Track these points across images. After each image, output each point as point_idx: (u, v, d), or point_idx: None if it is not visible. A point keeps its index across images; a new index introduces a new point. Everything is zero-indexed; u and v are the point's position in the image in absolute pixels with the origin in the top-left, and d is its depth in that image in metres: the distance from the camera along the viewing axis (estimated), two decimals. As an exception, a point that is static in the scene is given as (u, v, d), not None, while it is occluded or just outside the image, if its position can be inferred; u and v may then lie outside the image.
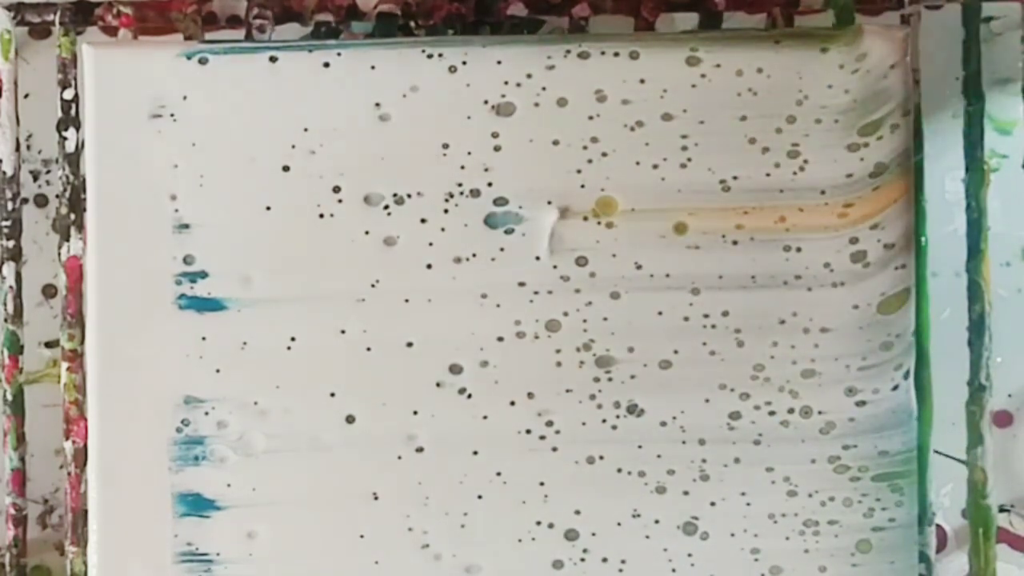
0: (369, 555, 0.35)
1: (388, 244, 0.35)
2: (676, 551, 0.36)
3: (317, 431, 0.35)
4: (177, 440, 0.35)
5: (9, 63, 0.37)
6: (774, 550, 0.36)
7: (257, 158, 0.35)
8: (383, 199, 0.35)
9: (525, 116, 0.35)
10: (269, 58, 0.35)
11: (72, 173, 0.37)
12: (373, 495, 0.35)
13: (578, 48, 0.35)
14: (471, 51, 0.35)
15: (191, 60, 0.35)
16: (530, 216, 0.35)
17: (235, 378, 0.35)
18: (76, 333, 0.37)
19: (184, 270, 0.35)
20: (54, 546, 0.44)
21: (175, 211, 0.35)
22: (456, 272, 0.35)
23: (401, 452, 0.35)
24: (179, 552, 0.35)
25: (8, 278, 0.37)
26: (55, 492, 0.44)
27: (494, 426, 0.35)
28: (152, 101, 0.35)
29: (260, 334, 0.35)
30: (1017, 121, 0.44)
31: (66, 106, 0.37)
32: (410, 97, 0.35)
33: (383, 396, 0.35)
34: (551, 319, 0.35)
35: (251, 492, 0.35)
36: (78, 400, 0.36)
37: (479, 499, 0.35)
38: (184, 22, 0.38)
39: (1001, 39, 0.43)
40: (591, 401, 0.35)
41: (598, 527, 0.35)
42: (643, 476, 0.35)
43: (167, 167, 0.35)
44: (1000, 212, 0.43)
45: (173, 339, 0.35)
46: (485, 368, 0.35)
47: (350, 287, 0.35)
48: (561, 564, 0.36)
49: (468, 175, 0.35)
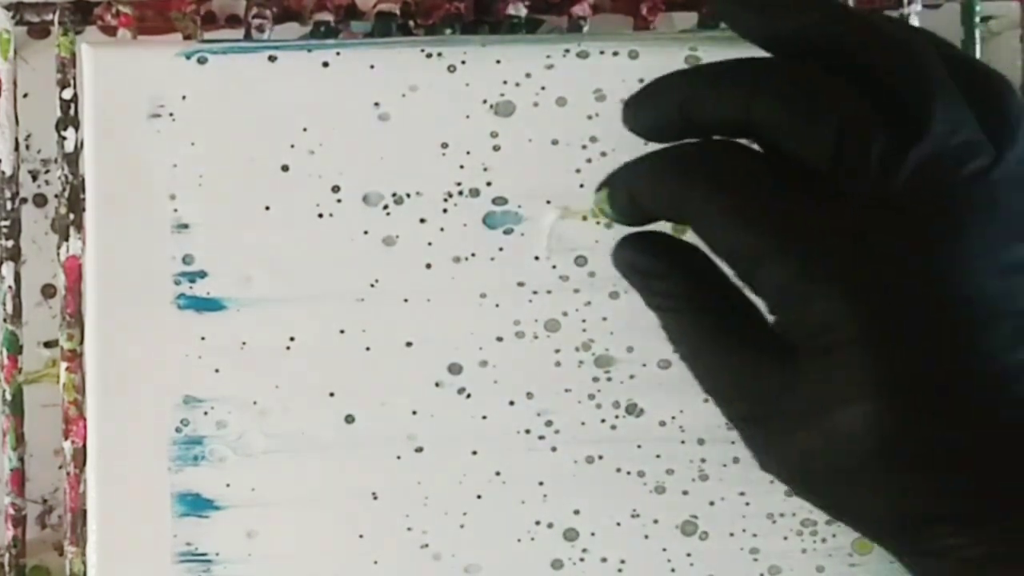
0: (369, 555, 0.35)
1: (387, 244, 0.35)
2: (675, 551, 0.36)
3: (317, 431, 0.35)
4: (176, 440, 0.35)
5: (8, 63, 0.37)
6: (773, 550, 0.36)
7: (256, 158, 0.35)
8: (382, 199, 0.35)
9: (524, 116, 0.35)
10: (268, 57, 0.35)
11: (71, 173, 0.37)
12: (373, 495, 0.35)
13: (577, 47, 0.35)
14: (470, 50, 0.35)
15: (190, 60, 0.35)
16: (530, 216, 0.35)
17: (234, 378, 0.35)
18: (75, 333, 0.37)
19: (183, 270, 0.35)
20: (53, 546, 0.44)
21: (174, 211, 0.35)
22: (455, 272, 0.35)
23: (400, 452, 0.35)
24: (178, 552, 0.35)
25: (7, 278, 0.37)
26: (54, 492, 0.44)
27: (493, 426, 0.35)
28: (151, 101, 0.35)
29: (259, 334, 0.35)
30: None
31: (65, 106, 0.37)
32: (409, 97, 0.35)
33: (382, 396, 0.35)
34: (550, 319, 0.35)
35: (250, 492, 0.35)
36: (77, 400, 0.36)
37: (479, 499, 0.35)
38: (183, 21, 0.38)
39: (999, 39, 0.43)
40: (590, 401, 0.35)
41: (597, 527, 0.35)
42: (642, 476, 0.35)
43: (166, 167, 0.35)
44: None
45: (172, 339, 0.35)
46: (484, 368, 0.35)
47: (349, 287, 0.35)
48: (561, 564, 0.36)
49: (467, 175, 0.35)
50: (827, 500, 0.29)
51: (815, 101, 0.28)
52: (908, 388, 0.27)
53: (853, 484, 0.28)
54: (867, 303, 0.27)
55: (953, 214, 0.28)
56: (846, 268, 0.28)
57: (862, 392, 0.27)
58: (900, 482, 0.27)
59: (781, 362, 0.29)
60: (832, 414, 0.28)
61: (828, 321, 0.28)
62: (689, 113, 0.30)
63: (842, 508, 0.29)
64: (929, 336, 0.27)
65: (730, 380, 0.30)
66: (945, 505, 0.27)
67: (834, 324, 0.27)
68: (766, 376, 0.29)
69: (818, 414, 0.28)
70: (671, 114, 0.30)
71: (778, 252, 0.28)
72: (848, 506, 0.29)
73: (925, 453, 0.27)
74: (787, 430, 0.29)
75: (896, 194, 0.28)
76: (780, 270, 0.28)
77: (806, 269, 0.28)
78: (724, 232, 0.29)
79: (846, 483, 0.28)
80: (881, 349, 0.27)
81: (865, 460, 0.27)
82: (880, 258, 0.28)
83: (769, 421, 0.29)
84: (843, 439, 0.27)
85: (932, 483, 0.27)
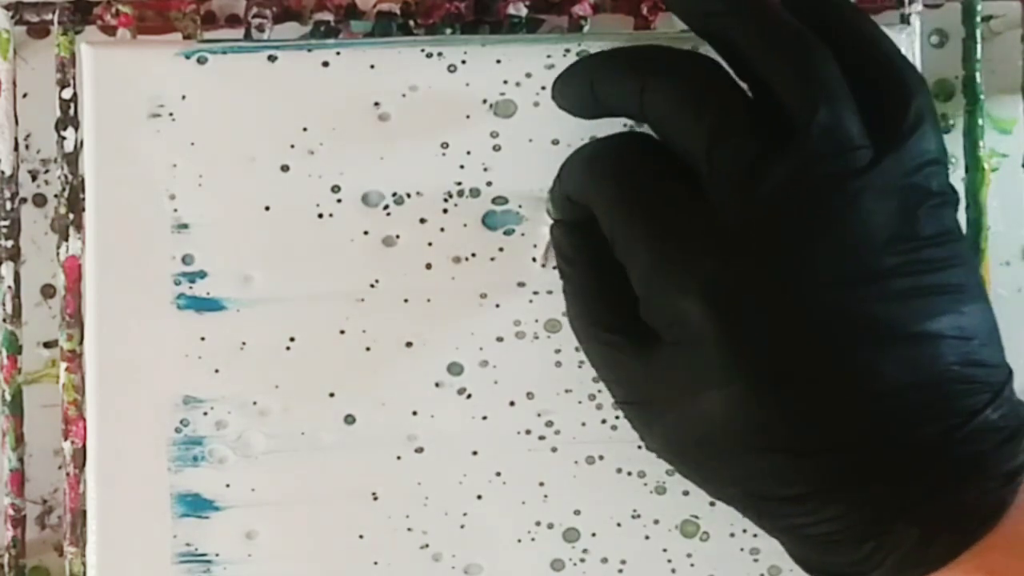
0: (369, 555, 0.35)
1: (387, 244, 0.35)
2: (676, 551, 0.36)
3: (316, 431, 0.35)
4: (176, 440, 0.35)
5: (7, 62, 0.37)
6: (773, 550, 0.35)
7: (256, 157, 0.35)
8: (382, 199, 0.35)
9: (525, 116, 0.35)
10: (268, 57, 0.35)
11: (71, 173, 0.37)
12: (373, 495, 0.35)
13: (577, 47, 0.35)
14: (470, 50, 0.35)
15: (190, 59, 0.35)
16: (530, 216, 0.35)
17: (234, 378, 0.35)
18: (75, 333, 0.36)
19: (183, 270, 0.35)
20: (53, 547, 0.44)
21: (174, 211, 0.35)
22: (455, 272, 0.35)
23: (401, 452, 0.35)
24: (178, 552, 0.35)
25: (7, 278, 0.37)
26: (54, 492, 0.44)
27: (494, 426, 0.35)
28: (151, 100, 0.35)
29: (259, 334, 0.35)
30: (1017, 120, 0.44)
31: (65, 105, 0.37)
32: (409, 96, 0.35)
33: (382, 396, 0.35)
34: (551, 319, 0.35)
35: (250, 492, 0.35)
36: (77, 400, 0.36)
37: (479, 499, 0.35)
38: (183, 21, 0.38)
39: (1000, 38, 0.43)
40: (591, 401, 0.35)
41: (598, 527, 0.35)
42: (643, 476, 0.35)
43: (166, 167, 0.35)
44: (1000, 212, 0.43)
45: (172, 339, 0.35)
46: (485, 368, 0.35)
47: (349, 287, 0.35)
48: (561, 564, 0.35)
49: (467, 175, 0.35)
50: (700, 478, 0.32)
51: (694, 102, 0.30)
52: (753, 382, 0.29)
53: (714, 465, 0.30)
54: (717, 304, 0.29)
55: (808, 221, 0.29)
56: (700, 265, 0.29)
57: (712, 383, 0.29)
58: (749, 465, 0.29)
59: (648, 350, 0.30)
60: (689, 401, 0.30)
61: (682, 317, 0.29)
62: (597, 94, 0.32)
63: (712, 486, 0.32)
64: (773, 338, 0.29)
65: (605, 366, 0.32)
66: (787, 487, 0.29)
67: (687, 321, 0.29)
68: (632, 363, 0.31)
69: (678, 400, 0.30)
70: (585, 94, 0.32)
71: (642, 244, 0.30)
72: (715, 484, 0.31)
73: (769, 440, 0.29)
74: (656, 413, 0.31)
75: (762, 197, 0.29)
76: (642, 261, 0.30)
77: (664, 263, 0.30)
78: (605, 219, 0.31)
79: (709, 464, 0.31)
80: (728, 347, 0.29)
81: (719, 444, 0.30)
82: (735, 262, 0.29)
83: (644, 404, 0.31)
84: (700, 424, 0.30)
85: (776, 466, 0.29)
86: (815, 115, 0.29)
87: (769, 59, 0.30)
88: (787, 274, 0.29)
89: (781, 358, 0.29)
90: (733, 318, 0.29)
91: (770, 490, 0.30)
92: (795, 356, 0.29)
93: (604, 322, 0.32)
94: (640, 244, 0.30)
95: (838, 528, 0.29)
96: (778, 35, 0.30)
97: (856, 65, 0.30)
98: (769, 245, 0.29)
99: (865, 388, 0.29)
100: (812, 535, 0.30)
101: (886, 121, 0.29)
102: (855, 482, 0.29)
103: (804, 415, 0.29)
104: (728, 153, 0.29)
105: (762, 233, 0.29)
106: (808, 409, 0.29)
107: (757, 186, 0.29)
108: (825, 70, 0.29)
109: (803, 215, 0.29)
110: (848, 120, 0.29)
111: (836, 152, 0.29)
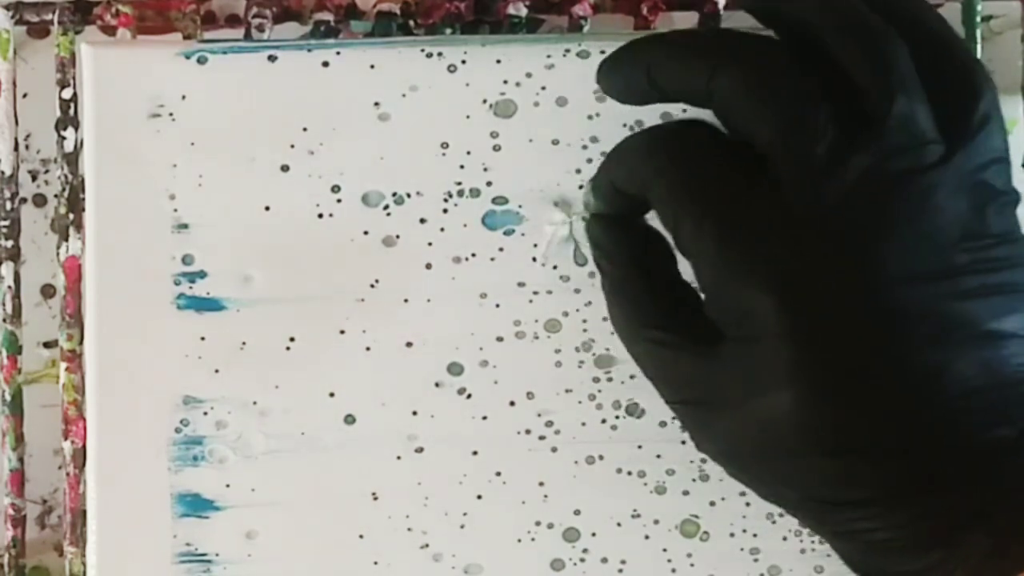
0: (369, 555, 0.35)
1: (387, 244, 0.35)
2: (676, 551, 0.36)
3: (316, 431, 0.35)
4: (176, 440, 0.35)
5: (7, 62, 0.37)
6: (773, 550, 0.36)
7: (256, 158, 0.35)
8: (382, 199, 0.35)
9: (524, 116, 0.35)
10: (268, 57, 0.35)
11: (71, 173, 0.37)
12: (373, 495, 0.35)
13: (578, 47, 0.35)
14: (470, 50, 0.35)
15: (190, 59, 0.35)
16: (530, 216, 0.35)
17: (234, 378, 0.35)
18: (75, 333, 0.37)
19: (183, 270, 0.35)
20: (53, 547, 0.44)
21: (174, 211, 0.35)
22: (455, 272, 0.35)
23: (401, 452, 0.35)
24: (178, 552, 0.35)
25: (7, 278, 0.37)
26: (54, 492, 0.44)
27: (494, 426, 0.35)
28: (151, 100, 0.35)
29: (259, 334, 0.35)
30: (1017, 120, 0.44)
31: (65, 105, 0.37)
32: (409, 96, 0.35)
33: (383, 396, 0.35)
34: (551, 319, 0.35)
35: (250, 492, 0.35)
36: (77, 400, 0.36)
37: (479, 499, 0.35)
38: (183, 21, 0.38)
39: (1000, 38, 0.43)
40: (591, 401, 0.35)
41: (598, 527, 0.35)
42: (643, 476, 0.35)
43: (166, 167, 0.35)
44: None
45: (172, 339, 0.35)
46: (485, 368, 0.35)
47: (349, 287, 0.35)
48: (561, 564, 0.35)
49: (467, 175, 0.35)
50: (754, 481, 0.30)
51: (770, 87, 0.29)
52: (822, 381, 0.28)
53: (774, 467, 0.29)
54: (789, 297, 0.28)
55: (883, 215, 0.28)
56: (773, 261, 0.28)
57: (780, 381, 0.28)
58: (814, 467, 0.28)
59: (708, 348, 0.29)
60: (753, 400, 0.28)
61: (751, 311, 0.28)
62: (655, 79, 0.30)
63: (767, 489, 0.30)
64: (845, 334, 0.28)
65: (655, 366, 0.31)
66: (854, 491, 0.28)
67: (756, 314, 0.28)
68: (692, 362, 0.30)
69: (741, 399, 0.29)
70: (639, 79, 0.31)
71: (710, 234, 0.29)
72: (772, 487, 0.30)
73: (837, 441, 0.28)
74: (714, 414, 0.30)
75: (840, 188, 0.28)
76: (711, 252, 0.29)
77: (734, 254, 0.29)
78: (667, 208, 0.30)
79: (768, 466, 0.29)
80: (798, 343, 0.28)
81: (783, 446, 0.28)
82: (808, 254, 0.28)
83: (699, 405, 0.30)
84: (764, 425, 0.28)
85: (842, 470, 0.28)
86: (893, 105, 0.28)
87: (849, 45, 0.29)
88: (860, 269, 0.28)
89: (852, 356, 0.28)
90: (806, 313, 0.28)
91: (834, 494, 0.28)
92: (866, 354, 0.28)
93: (654, 320, 0.30)
94: (708, 234, 0.29)
95: (904, 535, 0.28)
96: (859, 22, 0.29)
97: (925, 59, 0.29)
98: (844, 238, 0.28)
99: (937, 388, 0.28)
100: (875, 541, 0.28)
101: (955, 117, 0.29)
102: (924, 487, 0.28)
103: (874, 416, 0.28)
104: (805, 141, 0.28)
105: (838, 225, 0.28)
106: (878, 410, 0.28)
107: (835, 176, 0.28)
108: (904, 61, 0.29)
109: (878, 208, 0.28)
110: (922, 113, 0.28)
111: (911, 145, 0.28)
